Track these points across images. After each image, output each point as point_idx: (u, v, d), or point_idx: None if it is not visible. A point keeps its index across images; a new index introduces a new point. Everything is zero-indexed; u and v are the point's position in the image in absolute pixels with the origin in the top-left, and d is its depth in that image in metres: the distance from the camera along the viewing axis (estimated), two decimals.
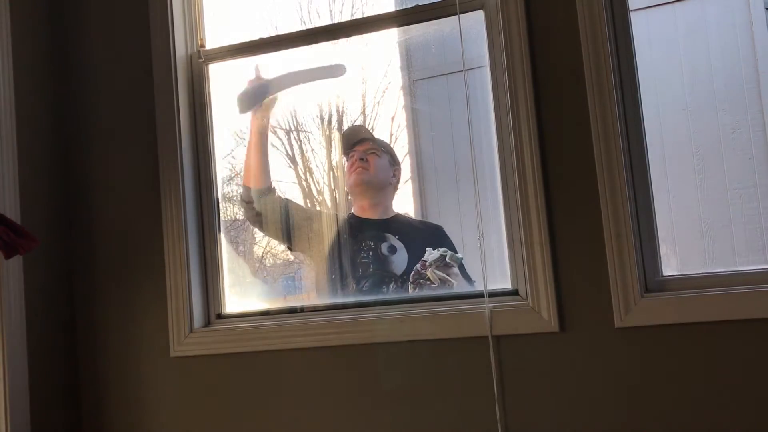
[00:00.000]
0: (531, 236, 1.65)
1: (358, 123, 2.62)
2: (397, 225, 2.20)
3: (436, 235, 2.19)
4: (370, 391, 1.76)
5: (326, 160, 2.48)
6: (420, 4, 1.88)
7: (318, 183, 2.51)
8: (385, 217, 2.21)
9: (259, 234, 2.43)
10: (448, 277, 1.93)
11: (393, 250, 2.12)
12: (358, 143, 2.23)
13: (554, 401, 1.62)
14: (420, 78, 2.83)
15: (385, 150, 2.25)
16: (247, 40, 2.03)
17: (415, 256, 2.07)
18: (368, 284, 2.09)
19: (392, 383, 1.74)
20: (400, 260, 2.10)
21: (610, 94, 1.61)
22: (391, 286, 2.05)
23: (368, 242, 2.13)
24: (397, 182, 2.29)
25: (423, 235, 2.23)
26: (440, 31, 1.99)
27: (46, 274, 1.96)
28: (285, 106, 2.44)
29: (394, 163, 2.27)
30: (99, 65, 2.07)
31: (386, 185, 2.22)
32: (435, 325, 1.71)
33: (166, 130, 1.97)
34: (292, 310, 1.92)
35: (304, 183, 2.55)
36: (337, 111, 2.54)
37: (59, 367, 1.97)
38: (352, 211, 2.26)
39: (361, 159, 2.18)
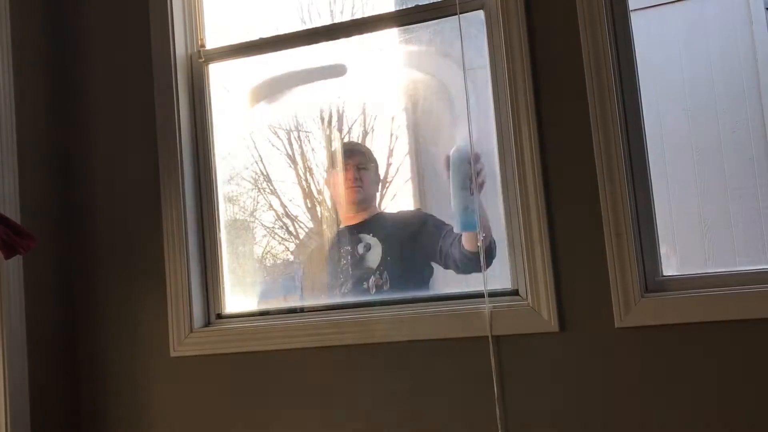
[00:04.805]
0: (531, 236, 1.65)
1: (358, 122, 2.62)
2: (374, 223, 2.20)
3: (416, 217, 2.20)
4: (370, 391, 1.76)
5: (326, 160, 2.47)
6: (420, 4, 1.88)
7: (318, 183, 2.51)
8: (366, 219, 2.21)
9: (259, 234, 2.43)
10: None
11: (368, 247, 2.12)
12: (349, 155, 2.23)
13: (554, 401, 1.62)
14: None
15: (372, 162, 2.25)
16: (247, 40, 2.03)
17: (390, 246, 2.08)
18: (349, 286, 2.09)
19: (392, 383, 1.74)
20: (374, 255, 2.10)
21: (610, 94, 1.61)
22: (370, 281, 2.05)
23: (346, 248, 2.14)
24: (380, 181, 2.30)
25: (402, 224, 2.23)
26: (440, 31, 1.99)
27: (46, 274, 1.96)
28: (285, 106, 2.43)
29: (377, 172, 2.27)
30: (99, 65, 2.07)
31: (375, 195, 2.24)
32: (435, 325, 1.71)
33: (166, 130, 1.97)
34: (292, 310, 1.93)
35: (304, 183, 2.55)
36: (338, 111, 2.54)
37: (59, 367, 1.97)
38: (341, 224, 2.26)
39: (356, 177, 2.17)
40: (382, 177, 2.38)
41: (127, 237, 2.00)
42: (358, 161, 2.21)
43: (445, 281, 2.04)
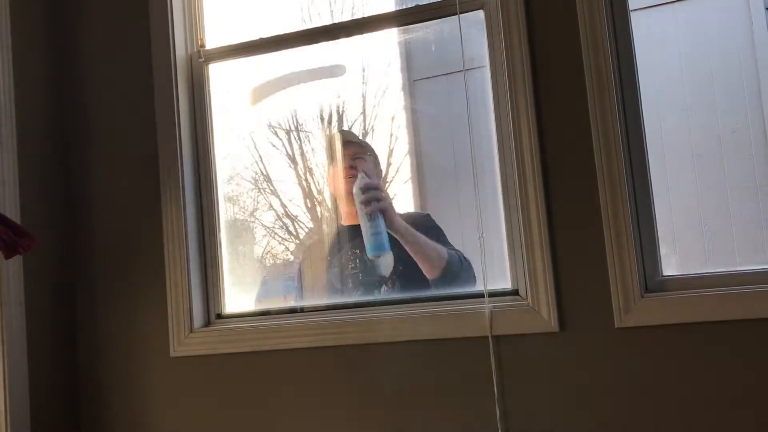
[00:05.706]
0: (531, 236, 1.65)
1: (358, 123, 2.62)
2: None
3: (424, 225, 2.12)
4: (370, 391, 1.76)
5: (326, 159, 2.48)
6: (420, 4, 1.88)
7: (318, 183, 2.51)
8: None
9: (259, 234, 2.43)
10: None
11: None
12: (344, 147, 2.18)
13: (554, 401, 1.62)
14: (420, 78, 2.83)
15: (369, 152, 2.20)
16: (247, 40, 2.03)
17: (401, 251, 2.05)
18: (361, 292, 2.06)
19: (392, 383, 1.74)
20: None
21: (610, 94, 1.61)
22: (382, 289, 2.03)
23: (354, 250, 2.10)
24: (381, 174, 2.26)
25: (412, 226, 2.18)
26: (440, 31, 1.99)
27: (46, 275, 1.96)
28: (285, 105, 2.43)
29: (377, 164, 2.23)
30: (99, 65, 2.07)
31: None
32: (435, 325, 1.71)
33: (166, 130, 1.97)
34: (292, 310, 1.93)
35: (304, 183, 2.55)
36: (337, 111, 2.55)
37: (59, 367, 1.97)
38: (342, 222, 2.21)
39: (351, 167, 2.10)
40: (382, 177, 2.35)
41: (127, 237, 2.00)
42: (353, 151, 2.16)
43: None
